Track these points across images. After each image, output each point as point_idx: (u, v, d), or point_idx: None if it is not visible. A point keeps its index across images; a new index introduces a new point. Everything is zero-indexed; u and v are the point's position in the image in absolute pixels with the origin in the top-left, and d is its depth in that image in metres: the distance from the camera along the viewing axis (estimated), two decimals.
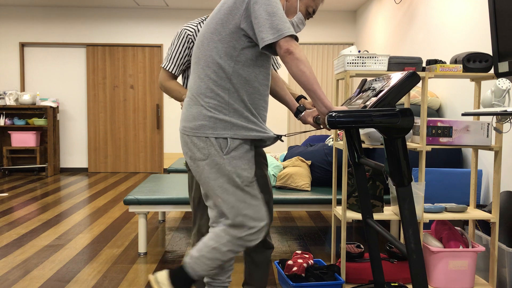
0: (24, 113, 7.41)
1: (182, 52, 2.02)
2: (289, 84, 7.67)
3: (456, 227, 2.62)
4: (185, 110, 1.72)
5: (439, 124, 2.43)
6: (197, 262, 1.69)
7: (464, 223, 2.99)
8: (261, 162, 2.05)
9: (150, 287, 2.40)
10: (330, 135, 4.59)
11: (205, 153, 1.64)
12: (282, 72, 7.69)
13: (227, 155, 1.63)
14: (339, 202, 3.22)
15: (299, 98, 2.13)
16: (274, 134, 1.71)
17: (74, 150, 7.69)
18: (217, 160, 1.63)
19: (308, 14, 1.87)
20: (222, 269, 1.86)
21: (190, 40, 2.01)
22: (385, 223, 3.88)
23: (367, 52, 2.51)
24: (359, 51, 2.57)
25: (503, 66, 1.70)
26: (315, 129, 1.90)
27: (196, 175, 1.70)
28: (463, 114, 2.00)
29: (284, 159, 4.03)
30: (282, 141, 1.90)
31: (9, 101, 6.99)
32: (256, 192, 1.71)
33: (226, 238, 1.68)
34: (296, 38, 1.57)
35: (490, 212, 2.74)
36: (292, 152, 3.99)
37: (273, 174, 3.61)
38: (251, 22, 1.58)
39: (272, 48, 1.59)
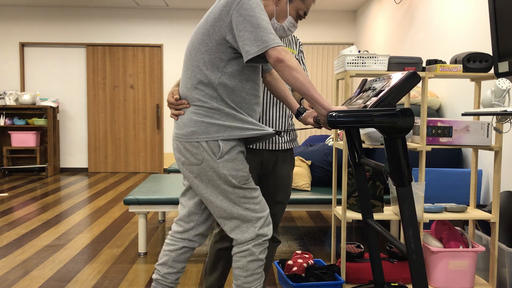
0: (24, 113, 7.41)
1: None
2: None
3: (456, 227, 2.62)
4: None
5: (439, 124, 2.43)
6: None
7: (464, 223, 2.99)
8: (289, 162, 2.08)
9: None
10: (330, 135, 4.59)
11: (199, 158, 1.66)
12: None
13: (220, 159, 1.65)
14: (339, 202, 3.22)
15: (302, 98, 2.13)
16: (273, 130, 1.71)
17: (74, 150, 7.69)
18: (211, 164, 1.65)
19: (299, 16, 1.86)
20: (176, 271, 1.85)
21: None
22: (385, 223, 3.88)
23: (367, 52, 2.51)
24: (359, 51, 2.57)
25: (503, 66, 1.70)
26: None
27: (189, 180, 1.72)
28: (463, 114, 2.00)
29: None
30: (281, 136, 1.90)
31: (9, 101, 6.99)
32: (254, 185, 1.73)
33: (248, 249, 1.70)
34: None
35: (490, 212, 2.74)
36: None
37: None
38: (235, 34, 1.58)
39: (259, 59, 1.59)
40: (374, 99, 1.55)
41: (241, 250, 1.70)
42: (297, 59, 2.13)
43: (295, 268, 2.46)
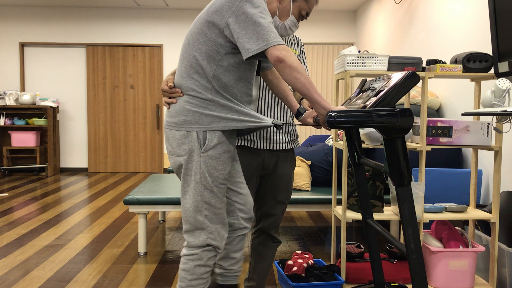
0: (24, 113, 7.41)
1: None
2: None
3: (456, 227, 2.62)
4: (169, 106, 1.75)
5: (439, 124, 2.43)
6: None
7: (464, 223, 2.99)
8: (290, 162, 2.09)
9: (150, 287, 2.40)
10: (330, 135, 4.59)
11: (185, 149, 1.64)
12: None
13: (204, 152, 1.63)
14: (339, 202, 3.22)
15: (302, 98, 2.13)
16: (272, 123, 1.69)
17: (74, 150, 7.69)
18: (194, 157, 1.64)
19: (302, 17, 1.87)
20: (237, 260, 1.86)
21: None
22: (385, 223, 3.88)
23: (367, 52, 2.51)
24: (359, 51, 2.57)
25: (503, 66, 1.70)
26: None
27: (175, 170, 1.72)
28: (463, 114, 2.00)
29: None
30: (279, 129, 1.89)
31: (9, 101, 6.99)
32: (223, 196, 1.70)
33: (197, 254, 1.69)
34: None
35: (490, 212, 2.74)
36: None
37: None
38: (236, 31, 1.57)
39: (259, 55, 1.58)
40: (374, 99, 1.54)
41: (190, 253, 1.69)
42: (298, 59, 2.13)
43: (295, 268, 2.46)
